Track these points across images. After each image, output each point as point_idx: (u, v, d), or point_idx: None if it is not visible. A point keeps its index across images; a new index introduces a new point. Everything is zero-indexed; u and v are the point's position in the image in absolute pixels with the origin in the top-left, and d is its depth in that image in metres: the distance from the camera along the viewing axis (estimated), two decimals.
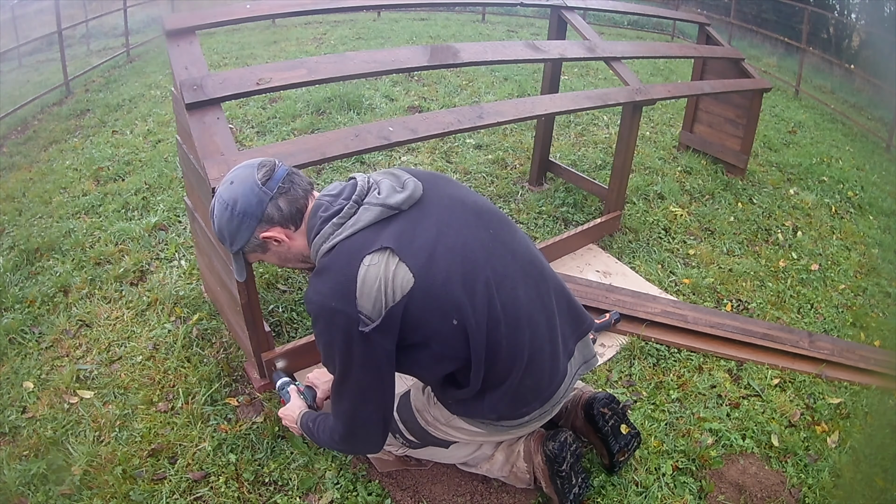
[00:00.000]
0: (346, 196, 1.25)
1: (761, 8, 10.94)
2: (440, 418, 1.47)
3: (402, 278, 1.17)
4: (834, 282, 2.85)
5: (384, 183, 1.27)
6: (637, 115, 2.66)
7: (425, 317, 1.21)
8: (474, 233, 1.28)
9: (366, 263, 1.17)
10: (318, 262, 1.25)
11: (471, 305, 1.23)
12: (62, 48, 5.90)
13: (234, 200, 1.23)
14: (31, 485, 1.61)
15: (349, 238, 1.21)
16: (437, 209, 1.27)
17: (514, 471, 1.58)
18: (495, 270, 1.27)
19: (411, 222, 1.23)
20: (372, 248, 1.18)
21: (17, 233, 2.87)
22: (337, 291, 1.18)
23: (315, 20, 8.69)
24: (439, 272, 1.20)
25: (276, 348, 1.90)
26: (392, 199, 1.23)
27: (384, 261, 1.17)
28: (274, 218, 1.24)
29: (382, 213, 1.22)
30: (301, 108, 4.37)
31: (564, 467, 1.50)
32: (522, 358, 1.31)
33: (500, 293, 1.27)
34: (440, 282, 1.20)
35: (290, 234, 1.27)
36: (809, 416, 1.99)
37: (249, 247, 1.28)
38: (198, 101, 1.62)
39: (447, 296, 1.21)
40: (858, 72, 8.12)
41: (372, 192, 1.25)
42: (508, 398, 1.35)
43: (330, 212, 1.24)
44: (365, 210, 1.22)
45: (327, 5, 2.20)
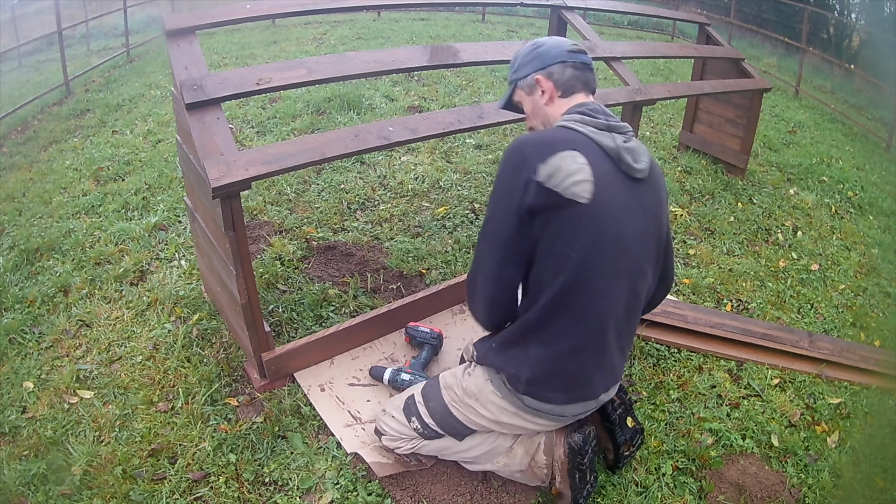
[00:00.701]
0: (611, 119, 1.38)
1: (761, 8, 10.94)
2: (471, 388, 1.48)
3: (582, 190, 1.26)
4: (834, 282, 2.85)
5: (633, 143, 1.37)
6: (637, 115, 2.66)
7: (561, 225, 1.28)
8: (639, 239, 1.37)
9: (573, 154, 1.27)
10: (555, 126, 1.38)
11: (589, 264, 1.30)
12: (62, 48, 5.91)
13: (544, 43, 1.46)
14: (31, 485, 1.61)
15: (581, 134, 1.33)
16: (639, 195, 1.36)
17: (533, 465, 1.56)
18: (622, 272, 1.35)
19: (618, 180, 1.32)
20: (586, 154, 1.28)
21: (17, 233, 2.87)
22: (538, 144, 1.30)
23: (315, 20, 8.69)
24: (599, 223, 1.29)
25: (276, 348, 1.90)
26: (624, 154, 1.33)
27: (581, 168, 1.27)
28: (554, 74, 1.43)
29: (610, 151, 1.33)
30: (301, 108, 4.37)
31: (585, 460, 1.50)
32: (582, 343, 1.36)
33: (612, 284, 1.35)
34: (595, 227, 1.28)
35: (555, 96, 1.44)
36: (809, 416, 1.99)
37: (524, 82, 1.47)
38: (198, 101, 1.62)
39: (588, 237, 1.28)
40: (858, 72, 8.12)
41: (626, 135, 1.37)
42: (549, 362, 1.37)
43: (591, 114, 1.37)
44: (607, 137, 1.34)
45: (327, 5, 2.20)
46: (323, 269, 2.54)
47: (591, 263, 1.30)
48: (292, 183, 3.24)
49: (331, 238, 2.76)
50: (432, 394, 1.57)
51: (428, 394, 1.58)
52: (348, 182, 3.29)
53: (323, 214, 2.96)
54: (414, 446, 1.61)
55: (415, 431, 1.58)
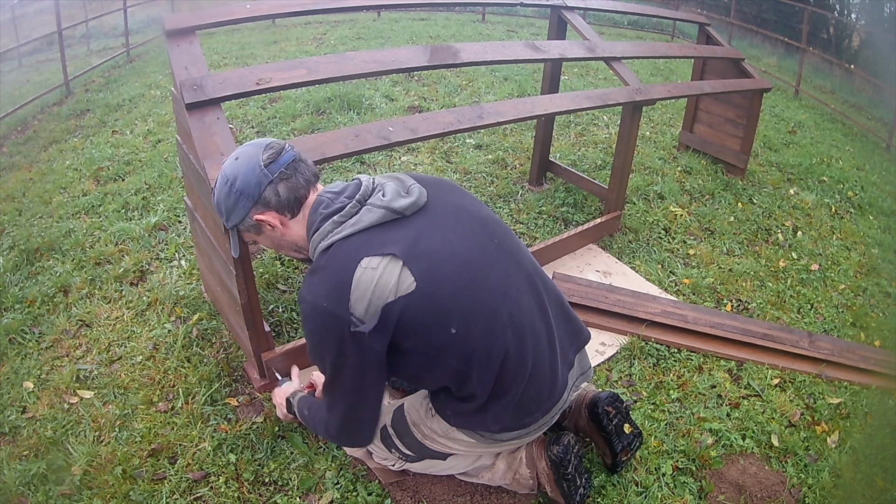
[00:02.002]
0: (348, 195, 1.24)
1: (761, 8, 10.94)
2: (438, 430, 1.45)
3: (404, 283, 1.16)
4: (834, 282, 2.85)
5: (389, 186, 1.25)
6: (637, 115, 2.66)
7: (423, 323, 1.19)
8: (479, 241, 1.27)
9: (363, 265, 1.15)
10: (315, 259, 1.24)
11: (474, 314, 1.22)
12: (62, 48, 5.90)
13: (235, 177, 1.22)
14: (31, 485, 1.61)
15: (348, 238, 1.19)
16: (442, 216, 1.26)
17: (517, 478, 1.57)
18: (500, 279, 1.27)
19: (415, 228, 1.21)
20: (372, 252, 1.16)
21: (17, 233, 2.87)
22: (330, 292, 1.16)
23: (315, 20, 8.69)
24: (443, 279, 1.19)
25: (276, 348, 1.90)
26: (396, 203, 1.21)
27: (384, 265, 1.15)
28: (270, 202, 1.22)
29: (385, 216, 1.20)
30: (301, 108, 4.37)
31: (570, 470, 1.49)
32: (527, 366, 1.30)
33: (505, 302, 1.26)
34: (443, 288, 1.19)
35: (286, 220, 1.26)
36: (809, 416, 1.99)
37: (244, 226, 1.27)
38: (198, 101, 1.62)
39: (450, 303, 1.20)
40: (858, 72, 8.12)
41: (376, 193, 1.24)
42: (512, 409, 1.34)
43: (331, 209, 1.22)
44: (367, 211, 1.21)
45: (327, 5, 2.20)
46: None
47: (477, 316, 1.22)
48: None
49: None
50: (403, 430, 1.50)
51: (399, 430, 1.51)
52: None
53: None
54: (402, 465, 1.61)
55: (398, 458, 1.58)
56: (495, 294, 1.25)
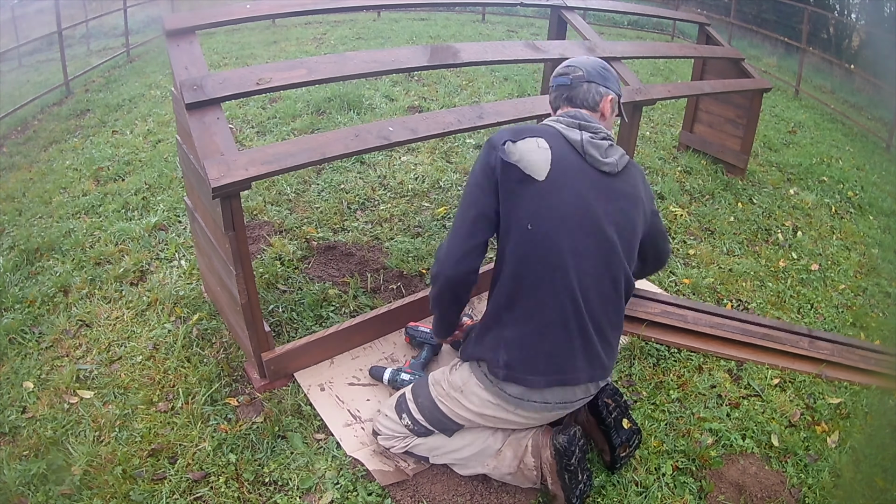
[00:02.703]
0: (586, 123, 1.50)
1: (761, 8, 10.94)
2: (457, 382, 1.55)
3: (539, 168, 1.42)
4: (834, 282, 2.85)
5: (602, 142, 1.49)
6: (637, 115, 2.66)
7: (520, 200, 1.42)
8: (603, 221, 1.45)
9: (537, 140, 1.45)
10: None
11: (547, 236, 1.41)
12: (62, 48, 5.90)
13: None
14: (31, 485, 1.61)
15: (549, 127, 1.51)
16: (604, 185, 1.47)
17: (522, 467, 1.58)
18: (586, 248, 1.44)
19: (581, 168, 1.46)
20: (549, 142, 1.45)
21: (17, 233, 2.87)
22: (507, 131, 1.49)
23: (315, 20, 8.69)
24: (557, 197, 1.42)
25: (276, 348, 1.90)
26: (589, 148, 1.46)
27: (543, 150, 1.44)
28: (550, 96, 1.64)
29: (575, 143, 1.47)
30: (301, 108, 4.37)
31: (573, 461, 1.51)
32: (550, 319, 1.43)
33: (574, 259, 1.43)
34: (551, 201, 1.42)
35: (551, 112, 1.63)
36: (809, 416, 1.99)
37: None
38: (198, 101, 1.62)
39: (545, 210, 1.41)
40: (858, 72, 8.12)
41: (594, 135, 1.49)
42: (521, 344, 1.44)
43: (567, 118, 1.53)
44: (574, 132, 1.48)
45: (327, 5, 2.20)
46: (323, 269, 2.54)
47: (549, 235, 1.42)
48: (292, 183, 3.24)
49: (331, 238, 2.76)
50: (421, 390, 1.63)
51: (417, 391, 1.64)
52: (348, 182, 3.29)
53: (323, 214, 2.96)
54: (407, 444, 1.64)
55: (406, 428, 1.62)
56: (573, 250, 1.43)
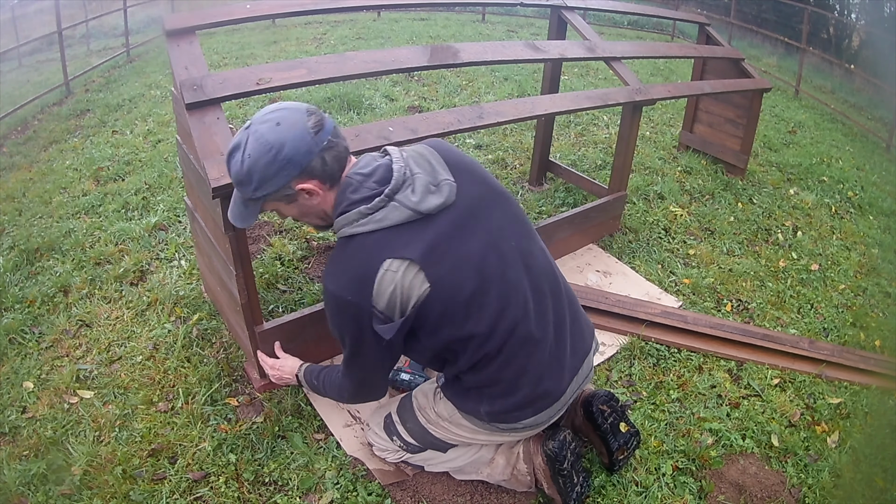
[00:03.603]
0: (377, 179, 1.24)
1: (761, 8, 10.94)
2: (444, 413, 1.50)
3: (420, 287, 1.22)
4: (834, 282, 2.85)
5: (420, 180, 1.24)
6: (637, 115, 2.66)
7: (431, 319, 1.27)
8: (495, 242, 1.31)
9: (384, 267, 1.20)
10: (338, 243, 1.28)
11: (480, 317, 1.29)
12: (62, 48, 5.90)
13: (282, 144, 1.17)
14: (31, 485, 1.61)
15: (373, 234, 1.21)
16: (463, 216, 1.28)
17: (515, 473, 1.58)
18: (510, 283, 1.31)
19: (435, 230, 1.24)
20: (393, 254, 1.20)
21: (17, 233, 2.87)
22: (354, 286, 1.22)
23: (315, 20, 8.68)
24: (454, 283, 1.25)
25: (263, 323, 1.85)
26: (424, 205, 1.22)
27: (403, 269, 1.21)
28: (315, 171, 1.21)
29: (412, 217, 1.22)
30: None
31: (566, 466, 1.50)
32: (524, 367, 1.36)
33: (511, 306, 1.31)
34: (454, 292, 1.25)
35: (324, 190, 1.25)
36: (809, 416, 1.99)
37: (277, 195, 1.24)
38: (198, 101, 1.61)
39: (457, 305, 1.26)
40: (858, 72, 8.12)
41: (406, 188, 1.23)
42: (503, 401, 1.39)
43: (358, 195, 1.23)
44: (394, 209, 1.22)
45: (327, 5, 2.20)
46: (323, 268, 2.54)
47: (482, 319, 1.28)
48: None
49: (331, 238, 2.76)
50: (408, 415, 1.58)
51: (404, 415, 1.58)
52: None
53: None
54: (401, 457, 1.63)
55: (398, 448, 1.61)
56: (503, 297, 1.31)
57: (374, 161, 1.28)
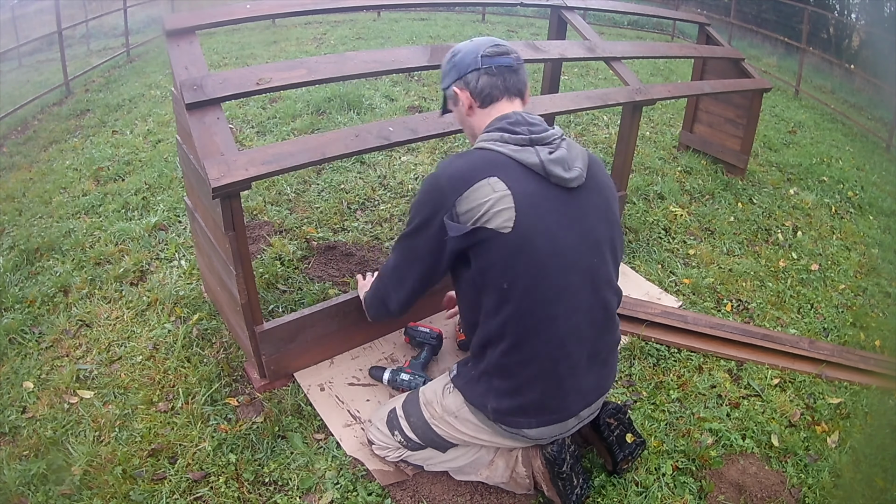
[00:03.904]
0: (535, 130, 1.33)
1: (761, 8, 10.94)
2: (450, 407, 1.50)
3: (503, 220, 1.25)
4: (834, 282, 2.85)
5: (561, 150, 1.33)
6: (637, 115, 2.66)
7: (488, 259, 1.29)
8: (582, 250, 1.34)
9: (489, 181, 1.26)
10: (472, 148, 1.37)
11: (528, 293, 1.30)
12: (62, 48, 5.90)
13: (460, 51, 1.40)
14: (31, 485, 1.61)
15: (499, 154, 1.30)
16: (575, 207, 1.34)
17: (514, 476, 1.58)
18: (570, 289, 1.33)
19: (547, 196, 1.30)
20: (504, 178, 1.27)
21: (17, 233, 2.87)
22: (454, 177, 1.29)
23: (315, 20, 8.69)
24: (530, 248, 1.28)
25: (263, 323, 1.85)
26: (551, 167, 1.30)
27: (502, 196, 1.25)
28: (469, 84, 1.38)
29: (535, 167, 1.30)
30: (301, 108, 4.37)
31: (565, 469, 1.50)
32: (541, 367, 1.36)
33: (560, 305, 1.32)
34: (524, 254, 1.27)
35: (474, 106, 1.40)
36: (809, 416, 1.99)
37: (449, 92, 1.43)
38: (198, 101, 1.61)
39: (520, 267, 1.28)
40: (858, 72, 8.12)
41: (547, 147, 1.32)
42: (510, 399, 1.38)
43: (511, 129, 1.33)
44: (529, 152, 1.30)
45: (327, 5, 2.20)
46: (323, 269, 2.54)
47: (529, 291, 1.29)
48: (292, 183, 3.24)
49: (331, 238, 2.76)
50: (413, 409, 1.58)
51: (409, 409, 1.59)
52: (348, 182, 3.29)
53: (323, 214, 2.96)
54: (401, 455, 1.63)
55: (399, 444, 1.61)
56: (557, 296, 1.32)
57: (539, 119, 1.38)
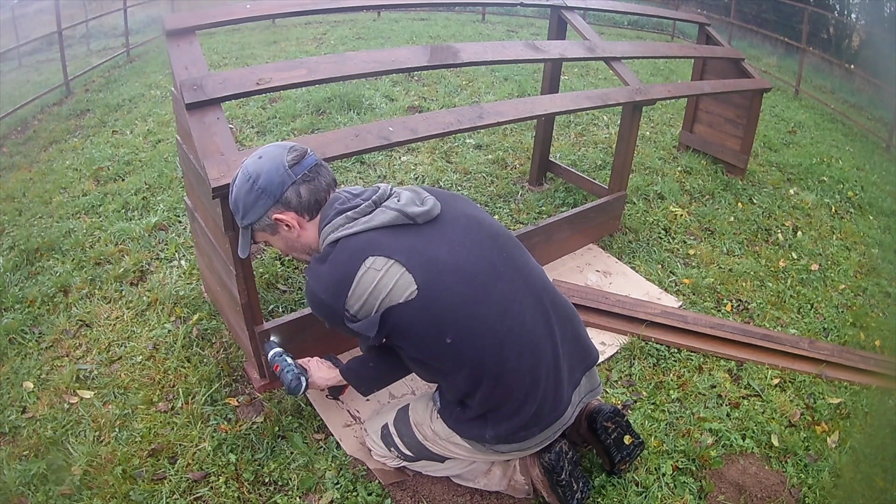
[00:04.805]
0: (366, 196, 1.27)
1: (761, 8, 10.94)
2: (440, 433, 1.48)
3: (406, 289, 1.18)
4: (834, 282, 2.85)
5: (405, 194, 1.29)
6: (637, 115, 2.66)
7: (418, 330, 1.22)
8: (487, 255, 1.29)
9: (367, 265, 1.18)
10: (323, 250, 1.27)
11: (471, 327, 1.24)
12: (62, 48, 5.90)
13: (258, 175, 1.24)
14: (31, 485, 1.61)
15: (357, 235, 1.22)
16: (452, 228, 1.28)
17: (513, 484, 1.58)
18: (504, 295, 1.28)
19: (424, 237, 1.24)
20: (378, 252, 1.19)
21: (17, 233, 2.87)
22: (330, 287, 1.21)
23: (315, 20, 8.68)
24: (445, 289, 1.21)
25: (264, 322, 1.85)
26: (410, 209, 1.24)
27: (387, 268, 1.18)
28: (291, 202, 1.25)
29: (398, 219, 1.23)
30: (301, 108, 4.37)
31: (563, 476, 1.49)
32: (524, 383, 1.32)
33: (506, 318, 1.27)
34: (443, 300, 1.21)
35: (303, 223, 1.29)
36: (809, 416, 1.99)
37: (259, 225, 1.30)
38: (198, 101, 1.61)
39: (448, 314, 1.22)
40: (858, 72, 8.12)
41: (392, 198, 1.27)
42: (508, 421, 1.36)
43: (346, 206, 1.25)
44: (381, 212, 1.24)
45: (327, 5, 2.20)
46: None
47: (473, 331, 1.23)
48: None
49: None
50: (405, 430, 1.56)
51: (401, 429, 1.57)
52: (348, 182, 3.29)
53: None
54: (399, 463, 1.63)
55: (396, 456, 1.61)
56: (496, 309, 1.27)
57: (361, 187, 1.34)
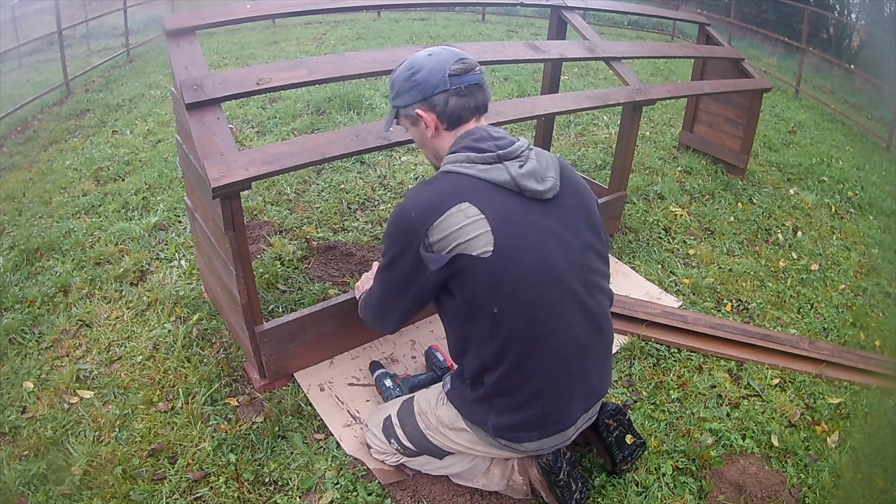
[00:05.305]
0: (499, 145, 1.28)
1: (761, 8, 10.94)
2: (444, 419, 1.49)
3: (483, 247, 1.21)
4: (834, 282, 2.85)
5: (531, 163, 1.28)
6: (637, 115, 2.66)
7: (474, 287, 1.25)
8: (571, 258, 1.31)
9: (461, 207, 1.22)
10: (438, 174, 1.30)
11: (521, 315, 1.25)
12: (62, 48, 5.90)
13: (420, 68, 1.30)
14: (31, 485, 1.61)
15: (467, 177, 1.25)
16: (556, 217, 1.30)
17: (511, 484, 1.58)
18: (563, 302, 1.30)
19: (525, 210, 1.26)
20: (475, 201, 1.22)
21: (17, 233, 2.87)
22: (423, 207, 1.24)
23: (315, 20, 8.69)
24: (515, 265, 1.24)
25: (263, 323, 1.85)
26: (524, 182, 1.25)
27: (476, 219, 1.21)
28: (437, 106, 1.30)
29: (507, 184, 1.25)
30: (301, 108, 4.37)
31: (562, 476, 1.49)
32: (539, 383, 1.33)
33: (553, 320, 1.29)
34: (511, 273, 1.24)
35: (440, 129, 1.33)
36: (809, 416, 1.99)
37: (405, 112, 1.35)
38: (198, 101, 1.61)
39: (506, 287, 1.24)
40: (858, 72, 8.12)
41: (517, 161, 1.28)
42: (511, 416, 1.36)
43: (476, 146, 1.28)
44: (499, 170, 1.25)
45: (327, 5, 2.20)
46: (323, 269, 2.54)
47: (522, 312, 1.25)
48: (292, 183, 3.24)
49: (331, 238, 2.76)
50: (408, 419, 1.57)
51: (404, 418, 1.58)
52: (348, 182, 3.29)
53: (323, 214, 2.96)
54: (398, 461, 1.63)
55: (396, 450, 1.61)
56: (550, 309, 1.28)
57: (504, 132, 1.34)
